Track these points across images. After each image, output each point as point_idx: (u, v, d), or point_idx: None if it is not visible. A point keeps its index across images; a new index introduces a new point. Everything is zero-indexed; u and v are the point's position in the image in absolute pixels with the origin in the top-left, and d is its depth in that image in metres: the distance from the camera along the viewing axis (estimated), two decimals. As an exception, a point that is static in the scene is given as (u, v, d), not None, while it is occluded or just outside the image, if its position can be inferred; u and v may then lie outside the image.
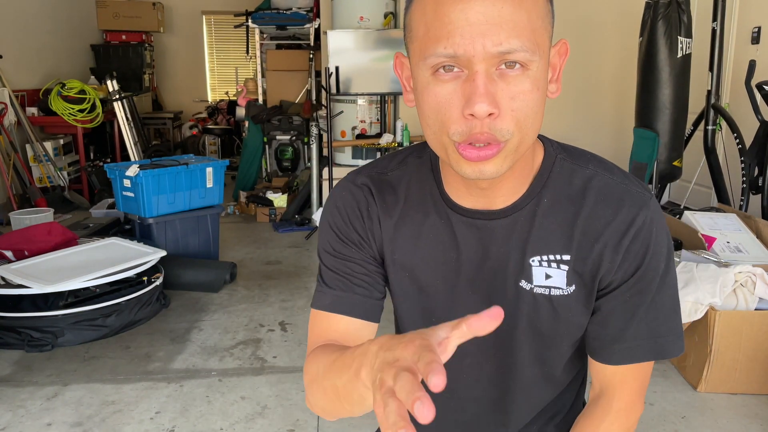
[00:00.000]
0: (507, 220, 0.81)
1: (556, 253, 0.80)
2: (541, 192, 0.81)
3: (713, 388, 2.65)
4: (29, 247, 3.42)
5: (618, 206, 0.79)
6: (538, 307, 0.82)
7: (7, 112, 5.62)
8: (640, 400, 0.87)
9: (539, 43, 0.70)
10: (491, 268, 0.82)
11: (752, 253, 2.97)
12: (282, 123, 6.36)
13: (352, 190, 0.88)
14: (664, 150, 4.03)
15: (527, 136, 0.72)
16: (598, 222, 0.79)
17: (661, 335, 0.82)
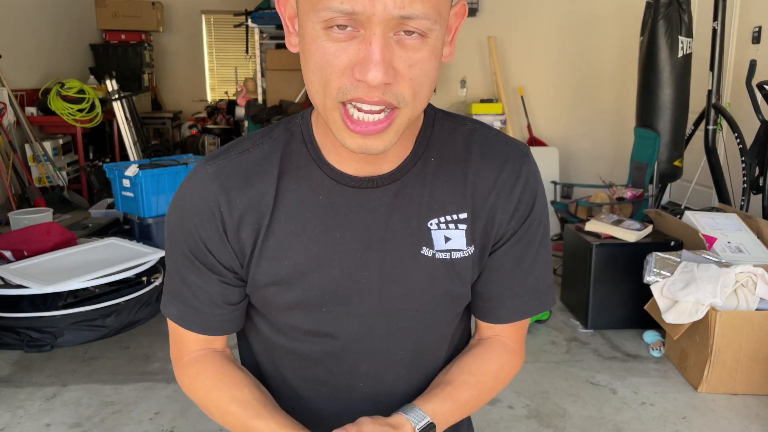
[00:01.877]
0: (396, 185, 0.75)
1: (452, 213, 0.76)
2: (426, 152, 0.77)
3: (714, 389, 2.64)
4: (28, 248, 3.41)
5: (504, 158, 0.77)
6: (443, 273, 0.77)
7: (6, 112, 5.61)
8: (522, 349, 0.86)
9: (440, 11, 0.65)
10: (386, 241, 0.75)
11: (753, 253, 2.96)
12: (282, 123, 6.35)
13: (200, 185, 0.77)
14: (665, 150, 4.02)
15: (418, 107, 0.68)
16: (488, 175, 0.77)
17: (542, 290, 0.82)
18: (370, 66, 0.62)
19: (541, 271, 0.82)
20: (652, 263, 2.86)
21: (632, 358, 2.98)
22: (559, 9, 5.46)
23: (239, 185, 0.76)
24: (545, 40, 5.50)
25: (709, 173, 4.19)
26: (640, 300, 3.09)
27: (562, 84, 5.57)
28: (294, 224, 0.76)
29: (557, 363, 2.92)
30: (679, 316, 2.67)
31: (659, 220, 3.45)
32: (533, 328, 3.30)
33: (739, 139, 3.83)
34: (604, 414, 2.50)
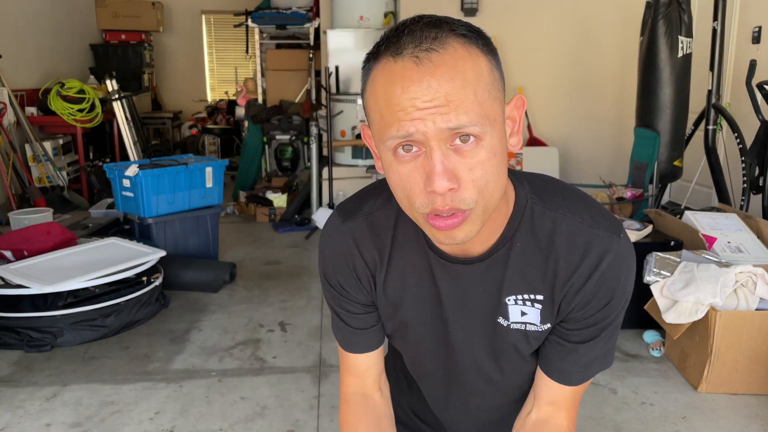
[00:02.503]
0: (483, 264, 0.86)
1: (530, 293, 0.86)
2: (514, 237, 0.85)
3: (714, 389, 2.64)
4: (28, 247, 3.42)
5: (585, 252, 0.83)
6: (516, 340, 0.89)
7: (6, 112, 5.62)
8: (571, 420, 0.95)
9: (488, 114, 0.72)
10: (470, 308, 0.88)
11: (753, 253, 2.96)
12: (282, 123, 6.36)
13: (339, 240, 0.94)
14: (665, 150, 4.02)
15: (491, 200, 0.76)
16: (566, 266, 0.84)
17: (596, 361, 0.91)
18: (435, 178, 0.72)
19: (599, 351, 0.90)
20: (651, 263, 2.86)
21: (632, 357, 2.98)
22: (559, 9, 5.46)
23: (366, 244, 0.92)
24: (545, 39, 5.50)
25: (709, 173, 4.19)
26: (639, 300, 3.08)
27: (562, 84, 5.57)
28: (401, 281, 0.92)
29: (557, 363, 2.92)
30: (679, 316, 2.67)
31: (659, 220, 3.45)
32: (533, 328, 3.29)
33: (739, 139, 3.83)
34: (603, 414, 2.50)
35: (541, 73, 5.54)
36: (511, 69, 5.52)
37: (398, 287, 0.92)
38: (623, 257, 0.84)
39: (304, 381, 2.76)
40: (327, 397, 2.62)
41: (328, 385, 2.72)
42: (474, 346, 0.91)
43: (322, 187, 5.42)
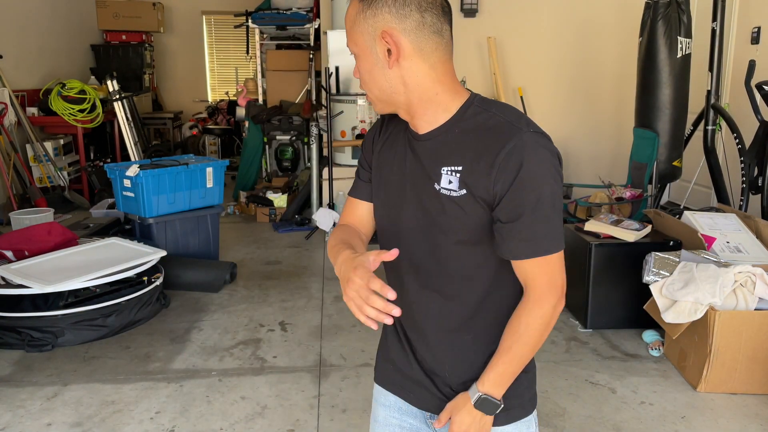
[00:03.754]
0: (429, 142, 1.13)
1: (455, 165, 1.09)
2: (454, 125, 1.11)
3: (713, 388, 2.65)
4: (29, 247, 3.42)
5: (497, 134, 1.06)
6: (444, 202, 1.10)
7: (7, 112, 5.62)
8: (551, 293, 1.11)
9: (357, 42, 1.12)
10: (419, 173, 1.14)
11: (752, 253, 2.97)
12: (282, 123, 6.36)
13: (377, 122, 1.29)
14: (664, 150, 4.03)
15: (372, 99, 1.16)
16: (482, 146, 1.07)
17: (536, 239, 1.07)
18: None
19: (536, 226, 1.06)
20: (651, 263, 2.87)
21: (631, 357, 2.99)
22: (558, 9, 5.46)
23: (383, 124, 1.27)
24: (544, 40, 5.51)
25: (708, 173, 4.20)
26: (639, 300, 3.09)
27: (561, 84, 5.58)
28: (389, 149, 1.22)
29: (557, 362, 2.93)
30: (678, 315, 2.68)
31: (658, 220, 3.45)
32: (533, 327, 3.30)
33: (738, 140, 3.83)
34: (603, 413, 2.51)
35: (541, 74, 5.55)
36: (510, 69, 5.53)
37: (385, 153, 1.22)
38: (528, 144, 1.04)
39: (304, 380, 2.76)
40: (327, 397, 2.62)
41: (328, 385, 2.72)
42: (419, 203, 1.14)
43: (322, 187, 5.43)
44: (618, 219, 3.34)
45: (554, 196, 1.06)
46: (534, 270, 1.10)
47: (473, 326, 1.17)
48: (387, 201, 1.22)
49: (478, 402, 1.12)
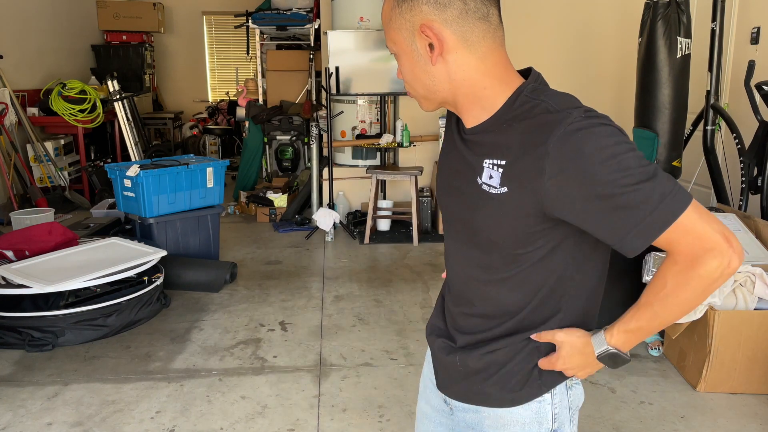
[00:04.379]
0: (475, 135, 1.05)
1: (498, 158, 0.99)
2: (500, 119, 1.02)
3: (712, 388, 2.65)
4: (30, 247, 3.43)
5: (544, 123, 0.95)
6: (482, 197, 1.02)
7: (7, 112, 5.63)
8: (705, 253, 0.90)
9: (396, 41, 1.03)
10: (465, 164, 1.07)
11: (751, 253, 2.97)
12: (282, 123, 6.37)
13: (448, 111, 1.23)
14: (664, 150, 4.03)
15: (418, 96, 1.09)
16: (527, 136, 0.96)
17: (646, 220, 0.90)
18: None
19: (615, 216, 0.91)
20: (650, 263, 2.87)
21: (631, 357, 2.99)
22: (558, 10, 5.47)
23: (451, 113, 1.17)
24: (544, 40, 5.51)
25: (707, 173, 4.20)
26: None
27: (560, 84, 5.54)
28: (446, 141, 1.19)
29: (556, 362, 2.93)
30: (677, 315, 2.68)
31: (658, 220, 3.45)
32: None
33: (737, 140, 3.84)
34: (602, 413, 2.51)
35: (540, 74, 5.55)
36: (510, 69, 5.54)
37: (445, 142, 1.19)
38: (577, 127, 0.91)
39: (304, 380, 2.77)
40: (327, 396, 2.63)
41: (328, 385, 2.73)
42: (462, 195, 1.08)
43: (322, 187, 5.44)
44: (618, 219, 3.34)
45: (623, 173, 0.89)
46: (669, 244, 0.92)
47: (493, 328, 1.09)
48: (440, 188, 1.18)
49: (604, 355, 1.03)
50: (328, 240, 5.00)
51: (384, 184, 5.47)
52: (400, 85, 5.17)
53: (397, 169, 5.07)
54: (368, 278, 4.13)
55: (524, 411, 1.08)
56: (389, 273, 4.24)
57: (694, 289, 0.93)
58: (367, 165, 5.46)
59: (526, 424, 1.08)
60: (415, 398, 2.62)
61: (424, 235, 5.08)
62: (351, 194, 5.57)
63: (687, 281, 0.92)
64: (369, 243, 4.93)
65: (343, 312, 3.55)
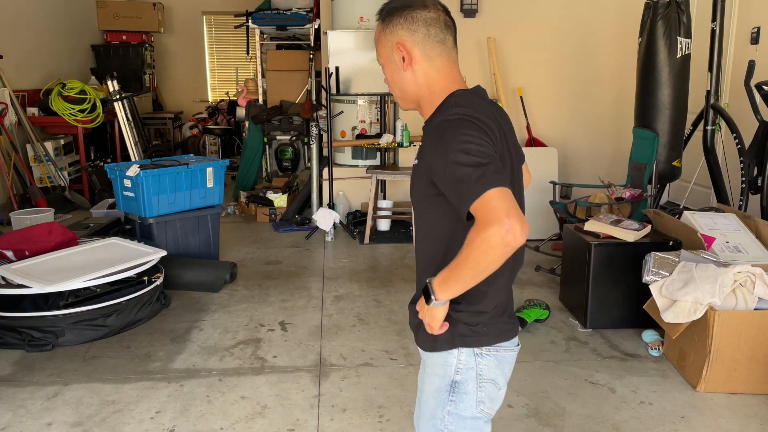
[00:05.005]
0: (425, 127, 1.38)
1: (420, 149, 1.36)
2: (429, 120, 1.37)
3: (713, 388, 2.65)
4: (30, 247, 3.43)
5: (435, 124, 1.31)
6: (413, 169, 1.40)
7: (7, 112, 5.63)
8: (489, 223, 1.16)
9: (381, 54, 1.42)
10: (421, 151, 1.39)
11: (751, 253, 2.97)
12: (282, 123, 6.37)
13: None
14: (664, 150, 4.03)
15: (397, 100, 1.46)
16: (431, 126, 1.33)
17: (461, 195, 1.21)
18: None
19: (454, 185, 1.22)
20: (650, 263, 2.87)
21: (631, 357, 2.99)
22: (557, 10, 5.47)
23: None
24: (544, 40, 5.51)
25: (707, 173, 4.20)
26: (638, 299, 3.10)
27: (561, 84, 5.58)
28: None
29: (556, 362, 2.93)
30: (677, 315, 2.68)
31: (658, 220, 3.46)
32: (532, 327, 3.31)
33: (737, 140, 3.84)
34: (603, 413, 2.51)
35: (540, 74, 5.55)
36: (510, 70, 5.53)
37: None
38: (449, 119, 1.26)
39: (304, 380, 2.77)
40: (327, 397, 2.63)
41: (328, 385, 2.73)
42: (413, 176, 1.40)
43: (322, 187, 5.44)
44: (618, 219, 3.35)
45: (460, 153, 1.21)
46: (475, 212, 1.20)
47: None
48: None
49: (424, 287, 1.30)
50: (328, 240, 5.00)
51: (384, 184, 5.47)
52: (400, 85, 5.16)
53: (397, 169, 5.07)
54: (368, 278, 4.13)
55: (438, 358, 1.39)
56: (389, 273, 4.24)
57: (477, 248, 1.17)
58: (367, 165, 5.46)
59: (438, 367, 1.39)
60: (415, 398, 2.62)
61: (424, 235, 5.07)
62: (351, 194, 5.57)
63: (475, 240, 1.17)
64: (369, 243, 4.93)
65: (343, 312, 3.55)
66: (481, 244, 1.16)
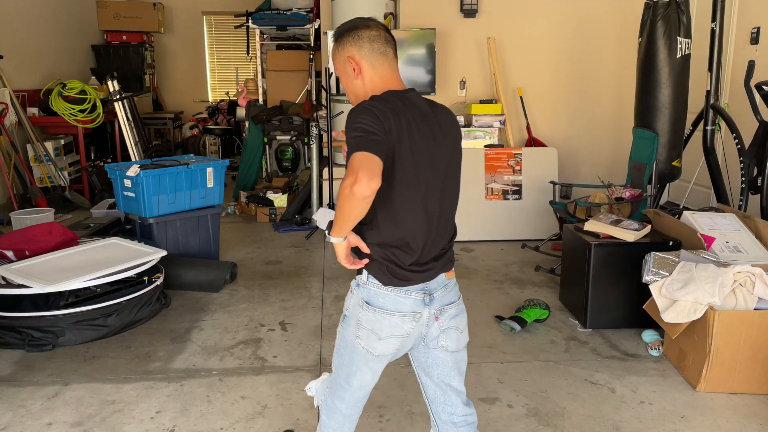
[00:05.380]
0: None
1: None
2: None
3: (712, 388, 2.66)
4: (30, 247, 3.43)
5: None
6: None
7: (7, 112, 5.63)
8: (347, 175, 1.46)
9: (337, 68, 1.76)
10: None
11: (751, 253, 2.98)
12: (282, 123, 6.37)
13: None
14: (664, 150, 4.03)
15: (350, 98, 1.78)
16: None
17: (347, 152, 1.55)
18: None
19: (349, 147, 1.52)
20: (650, 263, 2.87)
21: (631, 357, 2.99)
22: (557, 10, 5.47)
23: None
24: (544, 40, 5.51)
25: (707, 173, 4.20)
26: (638, 299, 3.10)
27: (561, 85, 5.58)
28: None
29: (556, 362, 2.94)
30: (677, 315, 2.68)
31: (658, 220, 3.46)
32: (532, 327, 3.31)
33: (737, 140, 3.84)
34: (602, 413, 2.52)
35: (540, 74, 5.55)
36: (510, 70, 5.54)
37: None
38: (353, 109, 1.58)
39: (304, 380, 2.77)
40: (327, 396, 2.63)
41: (328, 384, 2.73)
42: None
43: (322, 187, 5.44)
44: (617, 219, 3.35)
45: (352, 130, 1.53)
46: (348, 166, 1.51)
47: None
48: None
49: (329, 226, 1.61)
50: (328, 240, 4.99)
51: (384, 184, 5.46)
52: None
53: (397, 169, 5.06)
54: (368, 278, 4.13)
55: (354, 281, 1.71)
56: (389, 273, 4.23)
57: (341, 194, 1.47)
58: (367, 165, 5.45)
59: (352, 286, 1.71)
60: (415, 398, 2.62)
61: (424, 235, 5.07)
62: (351, 194, 5.56)
63: (340, 188, 1.47)
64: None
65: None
66: (342, 191, 1.47)
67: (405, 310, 1.63)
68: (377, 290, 1.63)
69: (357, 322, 1.66)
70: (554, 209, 4.35)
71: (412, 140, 1.58)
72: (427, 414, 2.48)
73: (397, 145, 1.55)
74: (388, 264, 1.61)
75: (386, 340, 1.64)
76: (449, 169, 1.68)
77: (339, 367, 1.74)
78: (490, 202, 5.00)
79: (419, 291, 1.64)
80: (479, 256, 4.60)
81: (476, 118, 5.13)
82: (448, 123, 1.69)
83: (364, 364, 1.69)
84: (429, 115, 1.64)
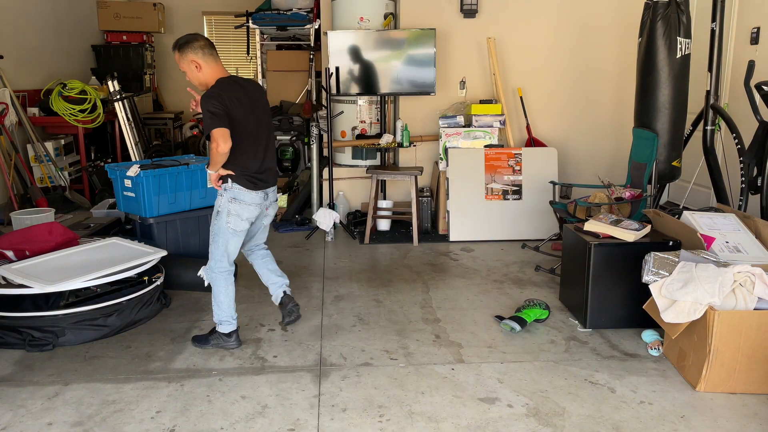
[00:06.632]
0: None
1: None
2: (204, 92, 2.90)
3: (712, 388, 2.66)
4: (30, 247, 3.43)
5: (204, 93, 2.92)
6: None
7: (8, 113, 5.63)
8: (214, 141, 2.73)
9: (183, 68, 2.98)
10: None
11: (751, 253, 2.98)
12: (282, 123, 6.37)
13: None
14: (664, 150, 4.03)
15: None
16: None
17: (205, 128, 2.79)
18: None
19: (204, 124, 2.78)
20: (650, 263, 2.88)
21: (631, 357, 2.99)
22: (558, 10, 5.47)
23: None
24: (544, 41, 5.52)
25: (707, 173, 4.20)
26: (638, 299, 3.10)
27: (560, 85, 5.59)
28: None
29: (556, 362, 2.94)
30: (677, 315, 2.69)
31: (657, 220, 3.46)
32: (532, 327, 3.31)
33: (737, 140, 3.84)
34: (602, 413, 2.52)
35: (540, 74, 5.56)
36: (510, 70, 5.54)
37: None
38: (205, 94, 2.79)
39: (304, 380, 2.77)
40: (327, 396, 2.63)
41: (328, 385, 2.73)
42: None
43: (322, 187, 5.44)
44: (617, 219, 3.35)
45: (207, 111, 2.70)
46: (211, 137, 2.70)
47: None
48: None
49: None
50: (328, 240, 5.00)
51: (384, 184, 5.48)
52: (400, 85, 5.17)
53: (397, 169, 5.07)
54: (368, 278, 4.13)
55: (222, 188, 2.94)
56: (389, 273, 4.24)
57: (213, 150, 2.73)
58: (367, 165, 5.46)
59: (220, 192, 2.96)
60: (415, 398, 2.63)
61: (424, 235, 5.08)
62: (351, 194, 5.57)
63: (212, 147, 2.70)
64: (369, 243, 4.93)
65: (343, 312, 3.55)
66: (214, 149, 2.71)
67: (257, 201, 2.95)
68: (240, 191, 2.89)
69: (227, 212, 2.90)
70: (554, 209, 4.36)
71: (241, 107, 2.82)
72: (427, 413, 2.48)
73: (233, 113, 2.77)
74: (246, 176, 2.88)
75: (245, 221, 2.96)
76: (263, 118, 2.97)
77: (216, 246, 2.97)
78: (490, 202, 5.00)
79: (262, 192, 2.97)
80: (479, 256, 4.60)
81: (476, 118, 5.13)
82: (256, 90, 2.98)
83: (231, 238, 2.96)
84: (246, 88, 2.91)
